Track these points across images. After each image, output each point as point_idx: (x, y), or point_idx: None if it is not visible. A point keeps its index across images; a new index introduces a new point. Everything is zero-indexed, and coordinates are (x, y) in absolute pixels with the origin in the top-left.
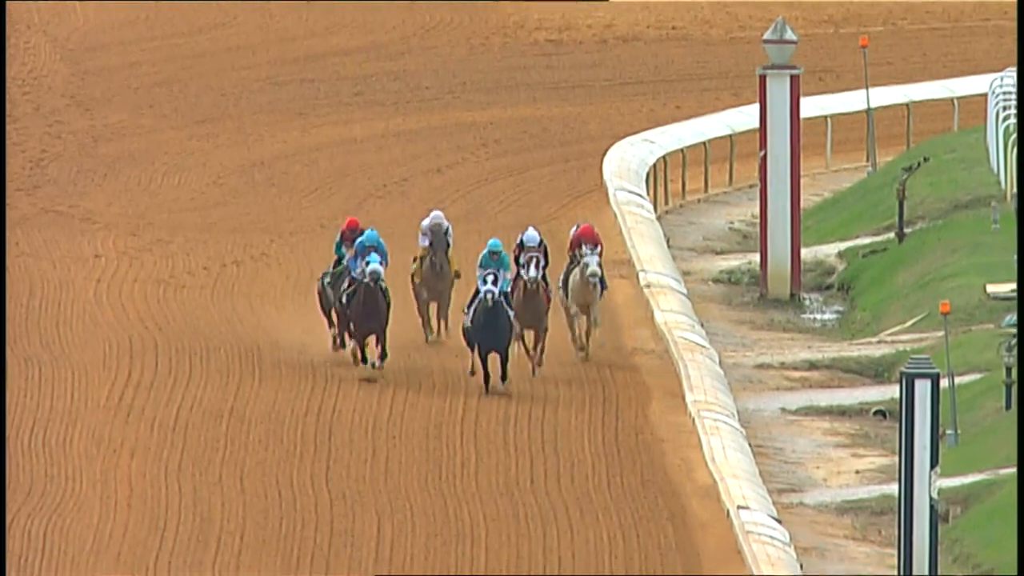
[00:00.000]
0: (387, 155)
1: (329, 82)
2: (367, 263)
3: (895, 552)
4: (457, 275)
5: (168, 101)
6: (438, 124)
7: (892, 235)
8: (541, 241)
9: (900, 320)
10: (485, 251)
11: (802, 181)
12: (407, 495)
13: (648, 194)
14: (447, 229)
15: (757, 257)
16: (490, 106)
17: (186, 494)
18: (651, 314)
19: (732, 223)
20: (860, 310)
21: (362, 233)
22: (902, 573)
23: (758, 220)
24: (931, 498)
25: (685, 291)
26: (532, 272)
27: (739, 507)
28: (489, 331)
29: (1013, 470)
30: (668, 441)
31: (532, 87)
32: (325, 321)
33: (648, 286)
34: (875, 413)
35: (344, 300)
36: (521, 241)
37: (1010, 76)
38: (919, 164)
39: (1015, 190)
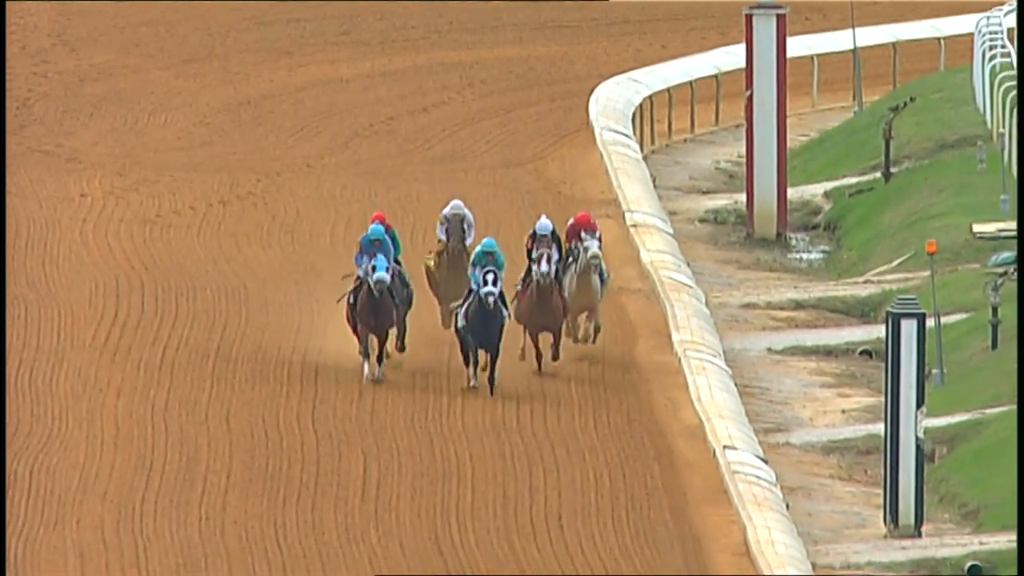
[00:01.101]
0: (373, 95)
1: (315, 21)
2: (374, 268)
3: (881, 492)
4: None
5: (154, 40)
6: (424, 64)
7: (878, 175)
8: (554, 230)
9: (886, 260)
10: (479, 249)
11: (788, 121)
12: (393, 434)
13: (634, 134)
14: (466, 219)
15: (743, 197)
16: (476, 46)
17: (172, 433)
18: (637, 254)
19: (718, 163)
20: (846, 250)
21: (387, 229)
22: (888, 512)
23: (744, 160)
24: (917, 438)
25: (671, 231)
26: (544, 267)
27: (725, 447)
28: (483, 333)
29: (999, 410)
30: (654, 381)
31: (518, 27)
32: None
33: (634, 226)
34: (861, 353)
35: (351, 300)
36: (533, 232)
37: (996, 16)
38: (905, 104)
39: (1001, 129)
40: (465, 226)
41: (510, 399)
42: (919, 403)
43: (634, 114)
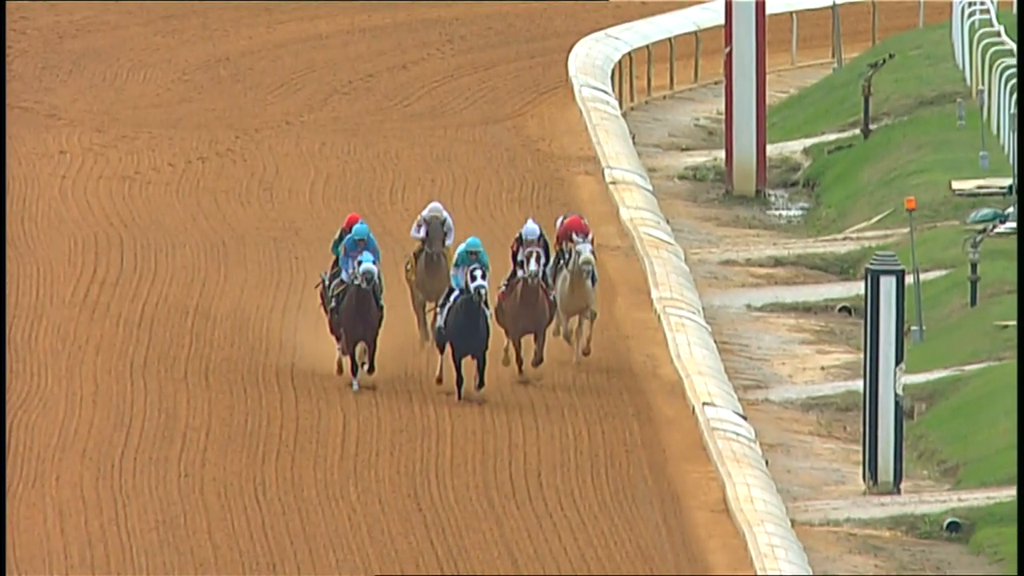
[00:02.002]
0: (352, 51)
1: None
2: (359, 262)
3: (860, 448)
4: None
5: None
6: (404, 20)
7: (857, 132)
8: (541, 234)
9: (865, 216)
10: (462, 248)
11: (767, 78)
12: (372, 391)
13: (613, 91)
14: (446, 222)
15: (722, 154)
16: (455, 2)
17: (151, 391)
18: (616, 211)
19: (697, 120)
20: (825, 207)
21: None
22: (867, 469)
23: (723, 117)
24: (896, 394)
25: (650, 187)
26: (533, 267)
27: (704, 404)
28: (467, 333)
29: (978, 366)
30: (633, 338)
31: None
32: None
33: (614, 183)
34: (840, 309)
35: (334, 303)
36: (520, 236)
37: None
38: (884, 61)
39: (980, 86)
40: (445, 229)
41: (488, 354)
42: (898, 360)
43: (613, 71)
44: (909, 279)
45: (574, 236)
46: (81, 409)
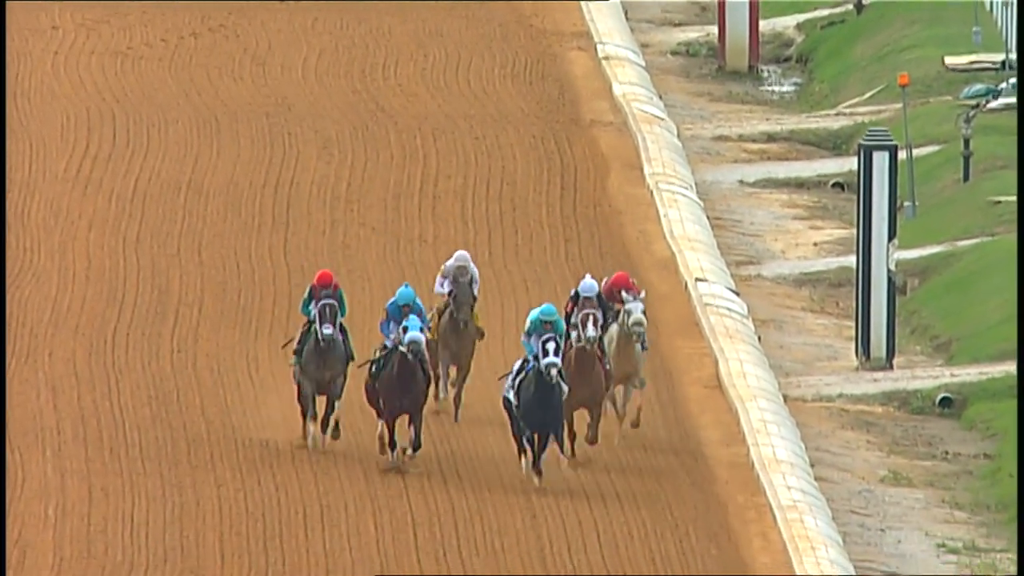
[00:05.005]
0: None
1: None
2: (405, 328)
3: (853, 324)
4: (481, 334)
5: None
6: None
7: (850, 7)
8: (599, 294)
9: (858, 92)
10: (535, 316)
11: None
12: (365, 266)
13: None
14: (473, 276)
15: (715, 29)
16: None
17: (144, 266)
18: (609, 86)
19: None
20: (818, 82)
21: (334, 289)
22: (860, 345)
23: None
24: (889, 270)
25: (643, 63)
26: (591, 331)
27: (697, 279)
28: (540, 413)
29: (971, 242)
30: (626, 213)
31: None
32: (299, 409)
33: (606, 58)
34: (833, 185)
35: (372, 370)
36: (576, 293)
37: None
38: None
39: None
40: (472, 285)
41: (481, 230)
42: (891, 235)
43: None
44: (902, 154)
45: (623, 294)
46: (74, 285)
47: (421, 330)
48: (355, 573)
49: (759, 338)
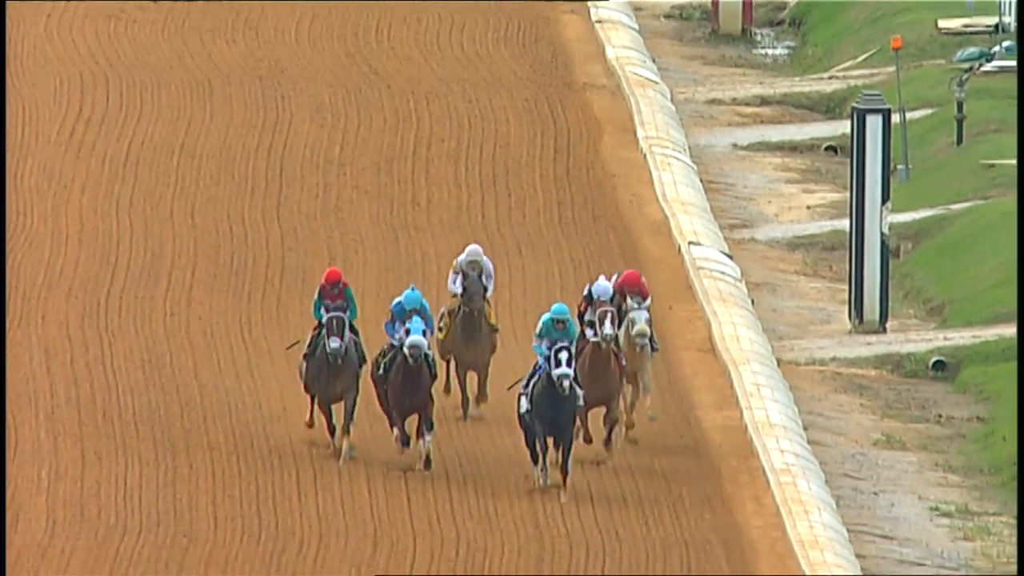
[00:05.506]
0: None
1: None
2: (408, 331)
3: (846, 287)
4: (495, 329)
5: None
6: None
7: None
8: (614, 295)
9: (851, 55)
10: (547, 317)
11: None
12: (358, 230)
13: None
14: (484, 269)
15: None
16: None
17: (137, 229)
18: (602, 49)
19: None
20: (811, 45)
21: (343, 287)
22: (853, 308)
23: None
24: (882, 233)
25: (636, 26)
26: (608, 329)
27: (690, 243)
28: (553, 420)
29: (964, 205)
30: (619, 176)
31: None
32: (308, 400)
33: (599, 21)
34: (826, 148)
35: (381, 370)
36: (589, 293)
37: None
38: None
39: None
40: (484, 278)
41: (475, 193)
42: (884, 199)
43: None
44: (895, 118)
45: (628, 298)
46: (67, 248)
47: (424, 333)
48: (348, 536)
49: (752, 301)
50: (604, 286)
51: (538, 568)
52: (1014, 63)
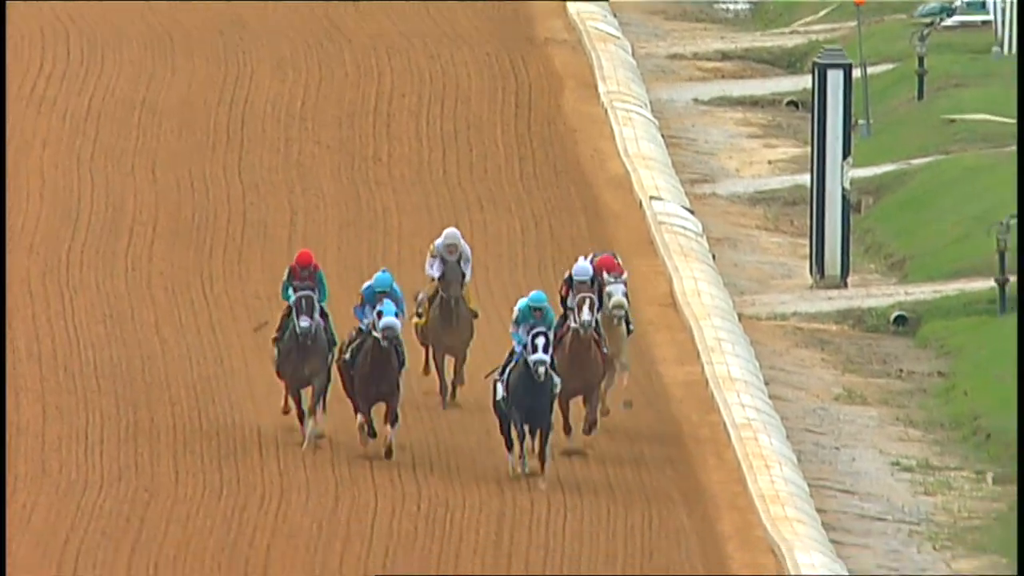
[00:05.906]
0: None
1: None
2: (379, 313)
3: (807, 242)
4: (474, 315)
5: None
6: None
7: None
8: (593, 277)
9: (813, 10)
10: (524, 303)
11: None
12: (319, 185)
13: None
14: (463, 254)
15: None
16: None
17: (98, 185)
18: (564, 4)
19: None
20: (773, 0)
21: (314, 270)
22: (814, 263)
23: None
24: (843, 188)
25: None
26: (586, 315)
27: (652, 198)
28: (530, 407)
29: (925, 160)
30: (581, 131)
31: None
32: (283, 385)
33: None
34: (788, 103)
35: (348, 356)
36: (569, 277)
37: None
38: None
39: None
40: (463, 263)
41: (436, 147)
42: (845, 153)
43: None
44: (856, 73)
45: (605, 276)
46: (28, 204)
47: (396, 315)
48: (310, 492)
49: (713, 256)
50: (584, 267)
51: (499, 523)
52: (976, 18)
